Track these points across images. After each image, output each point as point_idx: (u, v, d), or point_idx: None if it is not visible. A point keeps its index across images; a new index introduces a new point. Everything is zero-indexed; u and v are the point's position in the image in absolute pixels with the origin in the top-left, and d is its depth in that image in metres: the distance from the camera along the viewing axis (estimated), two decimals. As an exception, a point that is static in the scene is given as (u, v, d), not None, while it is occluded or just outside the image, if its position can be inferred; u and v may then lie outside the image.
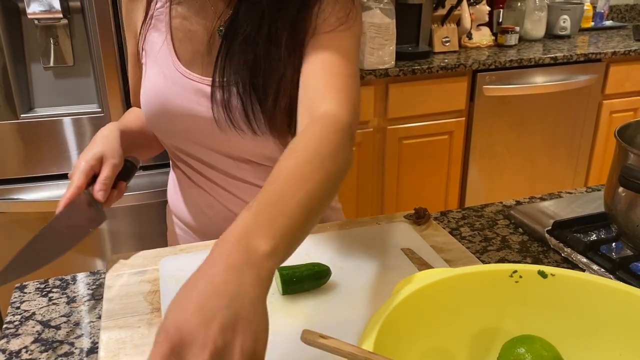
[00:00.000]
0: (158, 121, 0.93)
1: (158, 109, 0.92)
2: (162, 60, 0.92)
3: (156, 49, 0.92)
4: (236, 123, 0.88)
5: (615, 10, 3.29)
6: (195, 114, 0.90)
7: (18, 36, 1.64)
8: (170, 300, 0.47)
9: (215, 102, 0.88)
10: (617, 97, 2.64)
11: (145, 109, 0.93)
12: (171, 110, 0.91)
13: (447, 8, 2.53)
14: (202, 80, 0.90)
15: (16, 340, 0.72)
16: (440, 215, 1.05)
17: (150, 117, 0.94)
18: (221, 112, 0.88)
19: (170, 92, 0.90)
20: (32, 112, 1.70)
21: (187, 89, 0.90)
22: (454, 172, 2.48)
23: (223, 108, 0.88)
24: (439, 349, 0.61)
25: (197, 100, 0.89)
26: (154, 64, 0.93)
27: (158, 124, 0.94)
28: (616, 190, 0.86)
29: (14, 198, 1.74)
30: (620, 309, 0.59)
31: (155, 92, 0.92)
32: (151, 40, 0.93)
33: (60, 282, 0.85)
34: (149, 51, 0.94)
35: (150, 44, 0.93)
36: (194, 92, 0.90)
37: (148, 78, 0.93)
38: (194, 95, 0.90)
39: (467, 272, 0.63)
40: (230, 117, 0.88)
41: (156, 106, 0.92)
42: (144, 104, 0.93)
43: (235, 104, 0.87)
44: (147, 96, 0.93)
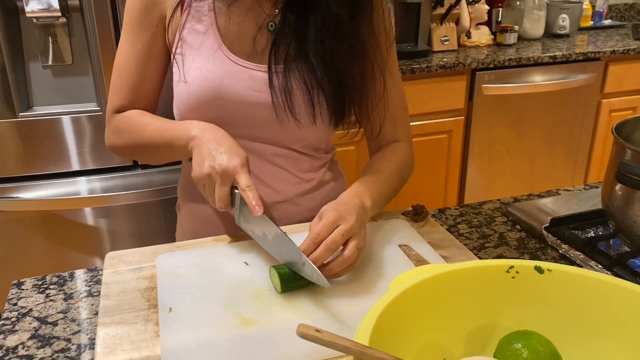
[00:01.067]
0: (210, 108, 0.92)
1: (212, 96, 0.91)
2: (209, 48, 0.92)
3: (200, 37, 0.92)
4: (296, 110, 0.92)
5: (614, 9, 3.28)
6: (252, 100, 0.92)
7: (16, 35, 1.64)
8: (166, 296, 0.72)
9: (273, 88, 0.91)
10: (616, 95, 2.64)
11: (195, 96, 0.92)
12: (226, 96, 0.91)
13: (446, 7, 2.53)
14: (257, 67, 0.92)
15: (13, 336, 0.72)
16: (438, 212, 1.05)
17: (200, 104, 0.92)
18: (280, 98, 0.91)
19: (225, 79, 0.91)
20: (31, 111, 1.70)
21: (242, 75, 0.91)
22: (453, 171, 2.48)
23: (283, 94, 0.91)
24: (436, 344, 0.61)
25: (253, 86, 0.92)
26: (199, 53, 0.92)
27: (209, 111, 0.93)
28: (613, 186, 0.86)
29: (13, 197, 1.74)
30: (617, 304, 0.59)
31: (208, 79, 0.91)
32: (191, 29, 0.93)
33: (58, 278, 0.85)
34: (191, 40, 0.93)
35: (192, 34, 0.93)
36: (250, 79, 0.92)
37: (194, 66, 0.92)
38: (251, 82, 0.91)
39: (464, 267, 0.63)
40: (289, 104, 0.92)
41: (210, 93, 0.91)
42: (193, 93, 0.92)
43: (297, 92, 0.92)
44: (196, 84, 0.91)
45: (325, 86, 0.92)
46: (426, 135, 2.35)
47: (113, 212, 1.81)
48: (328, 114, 0.95)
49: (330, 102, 0.93)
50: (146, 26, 0.95)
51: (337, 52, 0.91)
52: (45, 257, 1.81)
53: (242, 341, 0.68)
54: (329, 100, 0.93)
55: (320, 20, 0.89)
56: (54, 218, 1.77)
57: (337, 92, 0.93)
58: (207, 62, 0.92)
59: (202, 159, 0.82)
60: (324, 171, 1.06)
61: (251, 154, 0.97)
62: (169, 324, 0.71)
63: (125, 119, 0.97)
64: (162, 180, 1.82)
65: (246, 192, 0.79)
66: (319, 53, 0.91)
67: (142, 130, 0.95)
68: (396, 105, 1.02)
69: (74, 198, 1.76)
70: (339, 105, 0.95)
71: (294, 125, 0.94)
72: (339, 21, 0.89)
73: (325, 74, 0.91)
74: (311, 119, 0.94)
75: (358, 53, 0.93)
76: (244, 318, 0.72)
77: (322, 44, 0.90)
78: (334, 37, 0.90)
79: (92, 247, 1.84)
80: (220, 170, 0.80)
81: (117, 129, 0.98)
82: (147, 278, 0.82)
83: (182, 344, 0.67)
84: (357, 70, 0.94)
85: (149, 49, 0.96)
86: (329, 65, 0.91)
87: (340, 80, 0.93)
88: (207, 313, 0.73)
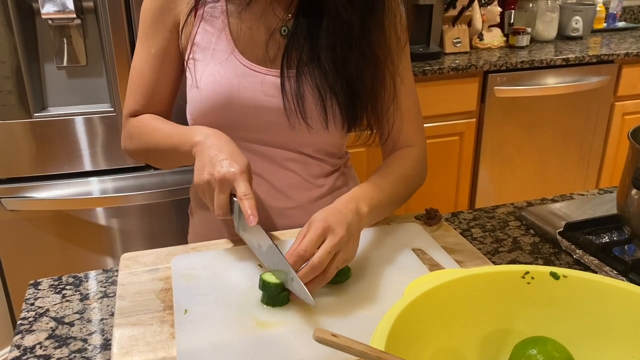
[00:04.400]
0: (222, 113, 0.93)
1: (224, 101, 0.92)
2: (222, 53, 0.92)
3: (213, 42, 0.93)
4: (308, 115, 0.92)
5: (628, 11, 3.26)
6: (264, 105, 0.92)
7: (32, 36, 1.66)
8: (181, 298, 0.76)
9: (285, 93, 0.91)
10: (630, 98, 2.62)
11: (207, 102, 0.92)
12: (239, 102, 0.92)
13: (459, 9, 2.52)
14: (269, 72, 0.92)
15: (30, 336, 0.73)
16: (451, 216, 1.05)
17: (213, 109, 0.92)
18: (292, 102, 0.91)
19: (239, 84, 0.91)
20: (45, 111, 1.71)
21: (253, 80, 0.92)
22: (465, 173, 2.47)
23: (295, 99, 0.91)
24: (450, 349, 0.61)
25: (265, 91, 0.92)
26: (212, 57, 0.93)
27: (221, 116, 0.93)
28: (629, 192, 0.86)
29: (27, 196, 1.75)
30: (633, 311, 0.59)
31: (220, 84, 0.91)
32: (204, 34, 0.93)
33: (74, 279, 0.86)
34: (204, 45, 0.93)
35: (205, 38, 0.93)
36: (261, 83, 0.92)
37: (206, 72, 0.93)
38: (262, 86, 0.92)
39: (479, 273, 0.63)
40: (301, 109, 0.92)
41: (222, 98, 0.92)
42: (206, 98, 0.92)
43: (309, 98, 0.92)
44: (208, 88, 0.92)
45: (338, 91, 0.92)
46: (438, 137, 2.34)
47: (125, 212, 1.82)
48: (341, 119, 0.94)
49: (342, 107, 0.93)
50: (160, 31, 0.95)
51: (348, 57, 0.91)
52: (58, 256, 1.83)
53: (257, 344, 0.68)
54: (342, 105, 0.93)
55: (332, 25, 0.89)
56: (66, 218, 1.78)
57: (349, 97, 0.93)
58: (220, 67, 0.92)
59: (202, 165, 0.82)
60: (336, 177, 1.05)
61: (263, 159, 0.98)
62: (184, 325, 0.71)
63: (137, 124, 0.98)
64: (174, 181, 1.83)
65: (243, 201, 0.77)
66: (330, 58, 0.91)
67: (151, 135, 0.95)
68: (409, 109, 1.02)
69: (86, 198, 1.78)
70: (351, 111, 0.94)
71: (306, 130, 0.94)
72: (349, 26, 0.89)
73: (337, 79, 0.91)
74: (323, 124, 0.94)
75: (369, 58, 0.93)
76: (259, 320, 0.72)
77: (334, 49, 0.90)
78: (345, 43, 0.90)
79: (104, 247, 1.86)
80: (219, 178, 0.79)
81: (130, 133, 0.99)
82: (163, 279, 0.82)
83: (197, 345, 0.68)
84: (368, 75, 0.93)
85: (162, 54, 0.96)
86: (340, 70, 0.91)
87: (352, 86, 0.92)
88: (222, 315, 0.73)
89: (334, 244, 0.74)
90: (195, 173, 0.83)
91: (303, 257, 0.73)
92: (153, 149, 0.96)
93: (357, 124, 0.97)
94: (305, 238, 0.75)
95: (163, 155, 0.96)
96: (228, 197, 0.80)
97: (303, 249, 0.74)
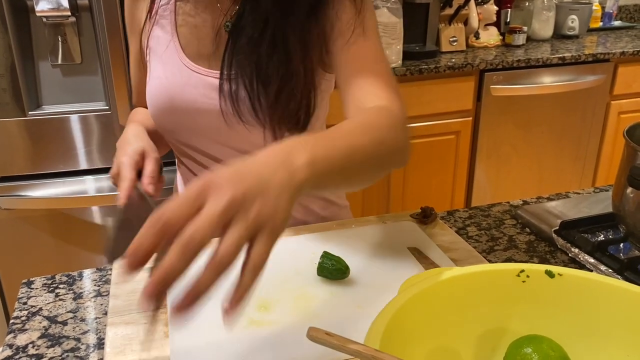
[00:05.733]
0: (166, 117, 0.93)
1: (166, 104, 0.92)
2: (169, 55, 0.92)
3: (162, 45, 0.93)
4: (243, 115, 0.89)
5: (624, 10, 3.26)
6: (203, 108, 0.90)
7: (26, 34, 1.65)
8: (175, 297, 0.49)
9: (223, 95, 0.89)
10: (626, 97, 2.63)
11: (153, 105, 0.93)
12: (179, 105, 0.91)
13: (455, 7, 2.52)
14: (209, 74, 0.90)
15: (23, 335, 0.72)
16: (446, 214, 1.05)
17: (157, 113, 0.94)
18: (229, 104, 0.89)
19: (178, 87, 0.91)
20: (40, 110, 1.71)
21: (194, 82, 0.90)
22: (461, 172, 2.47)
23: (231, 100, 0.88)
24: (445, 348, 0.61)
25: (205, 93, 0.90)
26: (160, 60, 0.93)
27: (165, 119, 0.94)
28: (625, 190, 0.86)
29: (21, 195, 1.75)
30: (628, 309, 0.59)
31: (162, 87, 0.92)
32: (156, 36, 0.94)
33: (67, 278, 0.85)
34: (154, 47, 0.94)
35: (155, 41, 0.94)
36: (202, 86, 0.90)
37: (154, 75, 0.93)
38: (202, 89, 0.90)
39: (474, 271, 0.62)
40: (238, 109, 0.88)
41: (164, 101, 0.92)
42: (151, 101, 0.93)
43: (243, 97, 0.88)
44: (153, 93, 0.93)
45: (269, 88, 0.86)
46: (434, 136, 2.34)
47: (121, 210, 1.81)
48: (270, 118, 0.88)
49: (271, 103, 0.87)
50: (133, 34, 0.99)
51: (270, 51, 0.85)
52: (53, 254, 1.82)
53: (252, 342, 0.68)
54: (272, 101, 0.87)
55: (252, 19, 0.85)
56: (61, 216, 1.78)
57: (280, 90, 0.86)
58: (164, 69, 0.92)
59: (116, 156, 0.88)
60: None
61: (218, 162, 0.96)
62: (178, 324, 0.71)
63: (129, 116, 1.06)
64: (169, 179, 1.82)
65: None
66: (254, 53, 0.86)
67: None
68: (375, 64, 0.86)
69: (82, 197, 1.77)
70: (278, 106, 0.87)
71: (245, 130, 0.90)
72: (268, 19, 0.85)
73: (268, 75, 0.86)
74: (259, 123, 0.89)
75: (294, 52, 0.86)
76: (253, 319, 0.72)
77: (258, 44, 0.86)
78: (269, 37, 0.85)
79: (99, 245, 1.85)
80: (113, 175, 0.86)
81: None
82: (156, 278, 0.82)
83: (191, 344, 0.67)
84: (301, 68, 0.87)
85: (139, 54, 1.00)
86: (270, 66, 0.86)
87: (282, 81, 0.86)
88: (216, 313, 0.73)
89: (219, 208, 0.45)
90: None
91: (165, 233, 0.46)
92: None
93: (294, 121, 0.89)
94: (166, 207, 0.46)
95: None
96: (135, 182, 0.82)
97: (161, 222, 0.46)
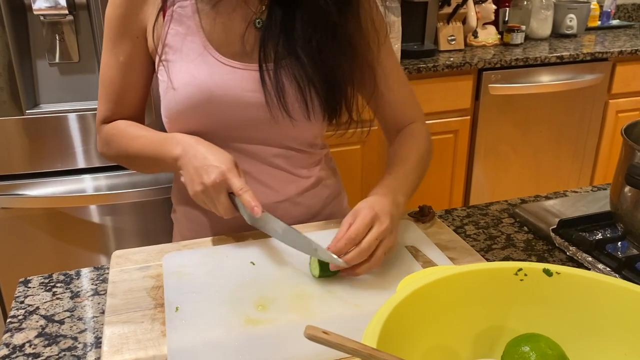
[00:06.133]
0: (201, 113, 0.92)
1: (203, 100, 0.90)
2: (195, 51, 0.91)
3: (186, 42, 0.91)
4: (290, 108, 0.91)
5: (622, 9, 3.27)
6: (245, 101, 0.91)
7: (24, 32, 1.65)
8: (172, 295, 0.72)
9: (266, 88, 0.91)
10: (624, 96, 2.63)
11: (185, 102, 0.91)
12: (218, 100, 0.90)
13: (453, 6, 2.52)
14: (247, 67, 0.91)
15: (20, 334, 0.72)
16: (444, 213, 1.04)
17: (189, 110, 0.91)
18: (274, 97, 0.91)
19: (216, 81, 0.90)
20: (38, 108, 1.70)
21: (232, 76, 0.91)
22: (459, 170, 2.47)
23: (275, 93, 0.91)
24: (443, 346, 0.61)
25: (245, 86, 0.91)
26: (185, 57, 0.91)
27: (200, 116, 0.92)
28: (622, 189, 0.86)
29: (19, 194, 1.74)
30: (626, 307, 0.59)
31: (198, 83, 0.90)
32: (175, 35, 0.92)
33: (64, 277, 0.85)
34: (175, 45, 0.92)
35: (175, 39, 0.92)
36: (240, 79, 0.91)
37: (182, 72, 0.91)
38: (242, 82, 0.91)
39: (472, 269, 0.62)
40: (283, 102, 0.91)
41: (201, 98, 0.90)
42: (183, 98, 0.91)
43: (289, 90, 0.91)
44: (185, 90, 0.90)
45: (316, 82, 0.91)
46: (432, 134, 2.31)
47: (119, 210, 1.81)
48: (321, 110, 0.94)
49: (322, 98, 0.93)
50: (126, 38, 0.94)
51: (325, 47, 0.90)
52: (51, 254, 1.82)
53: (249, 341, 0.68)
54: (321, 96, 0.93)
55: (308, 15, 0.88)
56: (59, 215, 1.77)
57: (328, 88, 0.92)
58: (195, 66, 0.91)
59: (191, 178, 0.84)
60: (320, 168, 1.05)
61: (248, 157, 0.97)
62: (175, 323, 0.71)
63: (113, 131, 0.98)
64: (167, 178, 1.82)
65: (242, 196, 0.81)
66: (307, 50, 0.90)
67: (129, 144, 0.96)
68: (401, 87, 1.04)
69: (79, 195, 1.77)
70: (331, 101, 0.94)
71: (289, 123, 0.93)
72: (327, 16, 0.88)
73: (315, 70, 0.91)
74: (305, 116, 0.93)
75: (347, 48, 0.93)
76: (250, 318, 0.72)
77: (310, 40, 0.89)
78: (322, 33, 0.89)
79: (97, 244, 1.85)
80: (211, 184, 0.82)
81: (106, 140, 0.99)
82: (154, 277, 0.82)
83: (188, 343, 0.67)
84: (346, 65, 0.93)
85: (130, 60, 0.95)
86: (318, 61, 0.90)
87: (331, 76, 0.92)
88: (213, 312, 0.73)
89: (381, 231, 0.79)
90: (188, 188, 0.86)
91: (354, 240, 0.78)
92: (133, 156, 0.96)
93: (338, 114, 0.96)
94: (355, 223, 0.79)
95: (145, 164, 0.97)
96: (227, 198, 0.83)
97: (354, 233, 0.78)
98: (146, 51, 0.95)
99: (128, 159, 0.98)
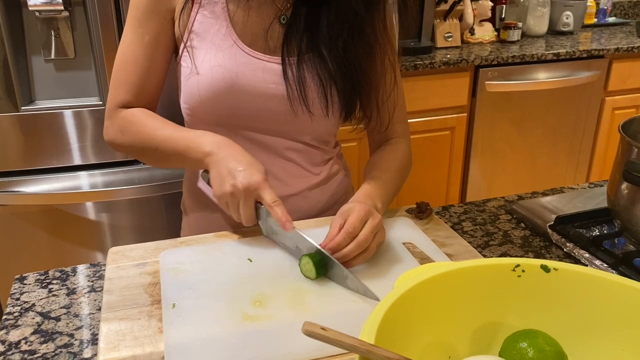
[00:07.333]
0: (223, 101, 0.91)
1: (227, 88, 0.90)
2: (222, 40, 0.91)
3: (212, 30, 0.92)
4: (310, 102, 0.93)
5: (618, 6, 3.27)
6: (268, 92, 0.92)
7: (19, 28, 1.64)
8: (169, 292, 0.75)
9: (288, 81, 0.92)
10: (620, 93, 2.63)
11: (209, 88, 0.90)
12: (242, 89, 0.91)
13: (450, 3, 2.52)
14: (271, 60, 0.92)
15: (16, 331, 0.72)
16: (442, 209, 1.04)
17: (214, 96, 0.91)
18: (295, 90, 0.92)
19: (241, 71, 0.91)
20: (33, 105, 1.69)
21: (256, 67, 0.91)
22: (456, 168, 2.47)
23: (297, 86, 0.92)
24: (441, 342, 0.61)
25: (267, 78, 0.92)
26: (212, 45, 0.91)
27: (222, 104, 0.92)
28: (620, 185, 0.86)
29: (15, 190, 1.73)
30: (623, 303, 0.59)
31: (223, 71, 0.90)
32: (203, 21, 0.92)
33: (61, 273, 0.85)
34: (202, 32, 0.92)
35: (202, 26, 0.92)
36: (263, 71, 0.92)
37: (207, 59, 0.91)
38: (264, 74, 0.92)
39: (470, 266, 0.62)
40: (304, 96, 0.92)
41: (224, 85, 0.90)
42: (207, 84, 0.90)
43: (310, 84, 0.92)
44: (210, 76, 0.90)
45: (338, 80, 0.93)
46: (429, 132, 2.34)
47: (115, 206, 1.80)
48: (339, 107, 0.96)
49: (341, 95, 0.94)
50: (154, 18, 0.92)
51: (350, 46, 0.92)
52: (47, 251, 1.81)
53: (246, 337, 0.68)
54: (341, 93, 0.94)
55: (334, 14, 0.90)
56: (55, 212, 1.77)
57: (349, 86, 0.94)
58: (221, 54, 0.91)
59: (222, 177, 0.83)
60: (332, 164, 1.06)
61: (262, 148, 0.97)
62: (172, 320, 0.70)
63: (132, 118, 0.94)
64: (164, 175, 1.81)
65: (274, 208, 0.82)
66: (331, 47, 0.91)
67: (150, 135, 0.93)
68: (398, 99, 1.04)
69: (75, 192, 1.76)
70: (350, 99, 0.96)
71: (308, 117, 0.95)
72: (354, 15, 0.89)
73: (337, 67, 0.92)
74: (324, 112, 0.95)
75: (371, 47, 0.94)
76: (247, 314, 0.72)
77: (335, 38, 0.91)
78: (347, 31, 0.90)
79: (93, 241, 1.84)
80: (243, 188, 0.81)
81: (122, 127, 0.95)
82: (151, 274, 0.81)
83: (185, 340, 0.67)
84: (368, 64, 0.95)
85: (156, 40, 0.93)
86: (341, 59, 0.92)
87: (352, 74, 0.93)
88: (210, 309, 0.73)
89: (375, 224, 0.82)
90: (214, 186, 0.85)
91: (352, 234, 0.80)
92: (153, 148, 0.93)
93: (355, 112, 0.98)
94: (350, 218, 0.81)
95: (165, 158, 0.94)
96: (254, 206, 0.84)
97: (351, 227, 0.80)
98: (172, 34, 0.94)
99: (144, 149, 0.95)
